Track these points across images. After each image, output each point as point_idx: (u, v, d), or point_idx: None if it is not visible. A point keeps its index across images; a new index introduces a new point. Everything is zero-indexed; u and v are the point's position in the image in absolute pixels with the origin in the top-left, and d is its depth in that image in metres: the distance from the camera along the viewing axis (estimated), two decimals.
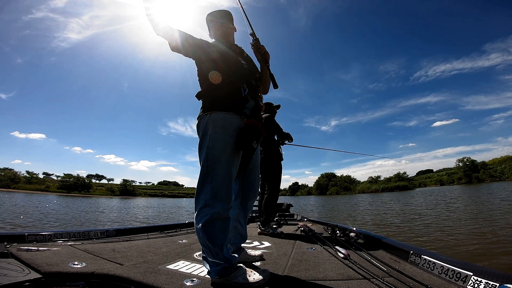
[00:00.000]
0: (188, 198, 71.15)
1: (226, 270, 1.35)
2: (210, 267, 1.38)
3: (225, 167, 1.41)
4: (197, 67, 1.60)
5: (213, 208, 1.36)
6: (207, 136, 1.43)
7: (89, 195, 69.74)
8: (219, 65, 1.51)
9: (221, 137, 1.42)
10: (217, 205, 1.38)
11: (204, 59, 1.53)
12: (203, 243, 1.37)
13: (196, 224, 1.39)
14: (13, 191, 55.15)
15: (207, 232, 1.34)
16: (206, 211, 1.36)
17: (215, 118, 1.43)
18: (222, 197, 1.40)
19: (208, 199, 1.38)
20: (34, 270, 1.38)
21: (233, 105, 1.47)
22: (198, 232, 1.37)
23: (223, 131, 1.43)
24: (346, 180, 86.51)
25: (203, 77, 1.56)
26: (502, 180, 55.54)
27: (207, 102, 1.50)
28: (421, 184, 77.19)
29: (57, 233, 2.31)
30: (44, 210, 12.79)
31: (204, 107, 1.51)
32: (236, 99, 1.49)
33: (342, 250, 1.92)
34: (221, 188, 1.40)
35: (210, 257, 1.37)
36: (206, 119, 1.45)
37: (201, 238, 1.37)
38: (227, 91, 1.49)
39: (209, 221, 1.35)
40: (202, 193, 1.41)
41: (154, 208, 20.02)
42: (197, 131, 1.53)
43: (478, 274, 1.21)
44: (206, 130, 1.44)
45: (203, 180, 1.41)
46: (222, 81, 1.48)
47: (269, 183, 3.25)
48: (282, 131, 3.44)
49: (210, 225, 1.35)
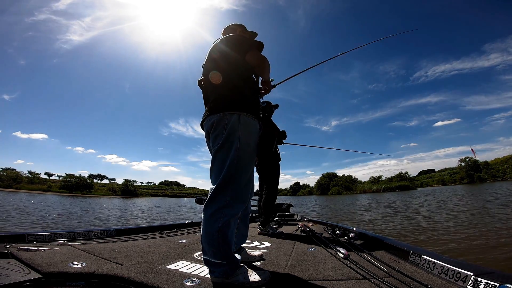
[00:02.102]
0: (189, 198, 71.17)
1: (231, 270, 1.34)
2: (214, 268, 1.36)
3: (249, 171, 1.45)
4: (228, 65, 1.52)
5: (232, 210, 1.36)
6: (235, 137, 1.40)
7: (91, 195, 69.94)
8: (252, 71, 1.60)
9: (251, 142, 1.45)
10: (237, 207, 1.39)
11: (243, 62, 1.54)
12: (214, 244, 1.32)
13: (211, 224, 1.33)
14: (15, 191, 55.42)
15: (224, 234, 1.32)
16: (226, 212, 1.34)
17: (246, 121, 1.43)
18: (242, 199, 1.41)
19: (229, 200, 1.36)
20: (34, 270, 1.38)
21: (257, 110, 1.52)
22: (213, 233, 1.31)
23: (252, 136, 1.45)
24: (347, 180, 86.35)
25: (239, 75, 1.52)
26: (504, 179, 55.25)
27: (237, 100, 1.44)
28: (423, 184, 76.90)
29: (57, 233, 2.31)
30: (51, 212, 12.82)
31: (228, 105, 1.43)
32: (258, 104, 1.56)
33: (342, 250, 1.92)
34: (243, 191, 1.42)
35: (217, 258, 1.33)
36: (234, 119, 1.41)
37: (214, 240, 1.32)
38: (255, 96, 1.55)
39: (227, 222, 1.34)
40: (222, 194, 1.37)
41: (159, 207, 20.12)
42: (213, 128, 1.45)
43: (478, 274, 1.20)
44: (234, 130, 1.40)
45: (227, 182, 1.37)
46: (251, 85, 1.56)
47: (267, 183, 3.25)
48: (278, 131, 3.45)
49: (227, 227, 1.34)
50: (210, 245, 1.34)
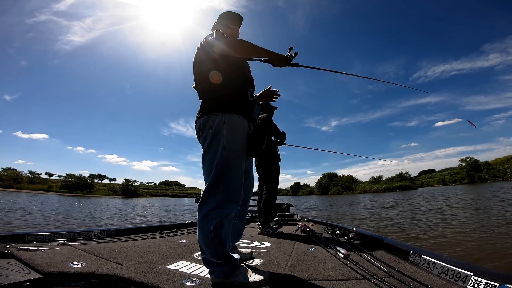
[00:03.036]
0: (190, 198, 71.14)
1: (231, 270, 1.35)
2: (214, 268, 1.37)
3: (239, 169, 1.44)
4: (209, 65, 1.50)
5: (224, 209, 1.37)
6: (220, 136, 1.41)
7: (91, 195, 70.01)
8: (235, 67, 1.53)
9: (237, 139, 1.44)
10: (229, 207, 1.39)
11: (223, 59, 1.49)
12: (209, 244, 1.34)
13: (205, 225, 1.34)
14: (16, 191, 55.48)
15: (218, 234, 1.33)
16: (217, 212, 1.35)
17: (231, 120, 1.43)
18: (234, 199, 1.41)
19: (220, 200, 1.36)
20: (34, 270, 1.38)
21: (244, 108, 1.49)
22: (207, 234, 1.33)
23: (238, 134, 1.45)
24: (347, 180, 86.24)
25: (216, 76, 1.49)
26: (505, 180, 55.15)
27: (218, 101, 1.45)
28: (423, 184, 76.78)
29: (57, 233, 2.32)
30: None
31: (212, 106, 1.46)
32: (247, 103, 1.52)
33: (342, 250, 1.92)
34: (234, 190, 1.41)
35: (215, 258, 1.35)
36: (219, 119, 1.42)
37: (209, 240, 1.33)
38: (241, 94, 1.51)
39: (220, 223, 1.35)
40: (213, 194, 1.38)
41: (162, 208, 20.07)
42: (201, 130, 1.49)
43: (478, 274, 1.20)
44: (219, 130, 1.41)
45: (216, 181, 1.38)
46: (236, 83, 1.50)
47: (267, 184, 3.25)
48: (279, 132, 3.44)
49: (220, 227, 1.35)
50: (206, 245, 1.35)
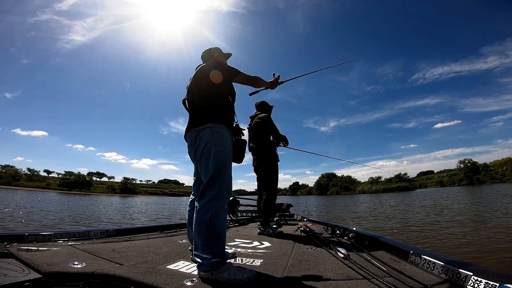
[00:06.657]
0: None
1: (218, 263, 1.41)
2: (202, 260, 1.42)
3: (229, 168, 1.67)
4: (206, 84, 1.73)
5: (220, 201, 1.53)
6: (211, 144, 1.61)
7: (90, 193, 69.79)
8: (230, 88, 1.85)
9: (225, 145, 1.66)
10: (223, 199, 1.56)
11: (224, 81, 1.76)
12: (202, 235, 1.45)
13: (201, 215, 1.48)
14: (13, 189, 55.11)
15: (213, 224, 1.46)
16: (213, 204, 1.50)
17: (218, 132, 1.64)
18: (228, 191, 1.61)
19: (216, 193, 1.53)
20: (34, 270, 1.38)
21: (226, 122, 1.72)
22: (203, 223, 1.46)
23: (225, 141, 1.66)
24: (346, 181, 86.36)
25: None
26: (503, 182, 55.37)
27: (208, 116, 1.67)
28: (422, 185, 77.06)
29: (57, 233, 2.31)
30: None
31: (202, 121, 1.66)
32: (229, 118, 1.76)
33: (342, 250, 1.92)
34: (228, 185, 1.63)
35: (204, 251, 1.43)
36: (207, 131, 1.63)
37: (203, 229, 1.45)
38: (225, 111, 1.74)
39: (216, 213, 1.49)
40: (209, 190, 1.54)
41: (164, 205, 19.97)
42: (194, 141, 1.69)
43: (478, 274, 1.21)
44: (209, 139, 1.62)
45: (215, 179, 1.56)
46: (224, 104, 1.75)
47: (267, 184, 3.26)
48: (278, 133, 3.43)
49: (216, 217, 1.49)
50: (200, 236, 1.46)
